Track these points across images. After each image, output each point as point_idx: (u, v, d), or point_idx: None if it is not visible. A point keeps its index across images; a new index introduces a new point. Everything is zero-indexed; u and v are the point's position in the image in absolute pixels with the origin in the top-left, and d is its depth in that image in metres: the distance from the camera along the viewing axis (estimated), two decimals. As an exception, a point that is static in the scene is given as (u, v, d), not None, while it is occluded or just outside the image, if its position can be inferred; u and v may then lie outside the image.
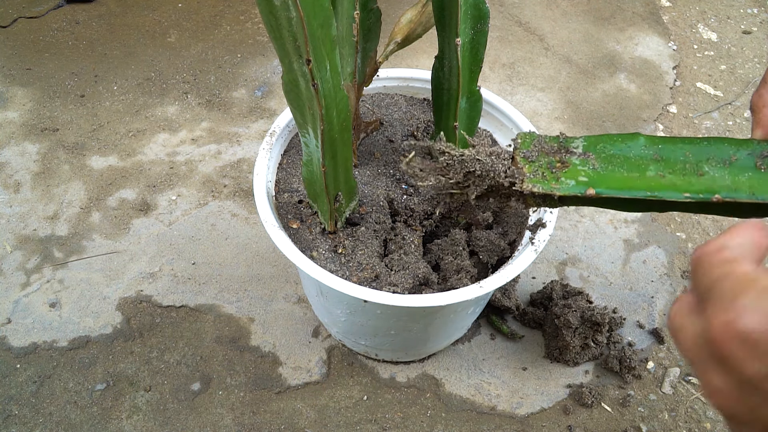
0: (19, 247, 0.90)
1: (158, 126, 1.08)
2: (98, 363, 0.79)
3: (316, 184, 0.59)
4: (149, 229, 0.93)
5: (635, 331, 0.85)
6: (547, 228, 0.61)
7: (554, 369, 0.81)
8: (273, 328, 0.83)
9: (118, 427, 0.74)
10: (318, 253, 0.62)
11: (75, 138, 1.05)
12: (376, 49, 0.62)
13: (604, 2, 1.42)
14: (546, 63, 1.25)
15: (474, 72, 0.60)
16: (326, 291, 0.64)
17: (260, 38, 1.26)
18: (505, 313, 0.85)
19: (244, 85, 1.16)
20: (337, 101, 0.51)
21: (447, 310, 0.64)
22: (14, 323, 0.82)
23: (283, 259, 0.89)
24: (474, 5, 0.55)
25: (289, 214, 0.65)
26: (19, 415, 0.74)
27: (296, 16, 0.43)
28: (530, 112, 1.14)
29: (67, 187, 0.98)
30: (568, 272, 0.91)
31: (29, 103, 1.11)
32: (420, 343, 0.74)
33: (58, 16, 1.28)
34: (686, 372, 0.81)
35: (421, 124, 0.75)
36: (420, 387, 0.78)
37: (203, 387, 0.77)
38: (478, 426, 0.75)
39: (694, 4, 1.44)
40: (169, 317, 0.83)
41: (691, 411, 0.78)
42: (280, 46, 0.47)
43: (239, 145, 1.05)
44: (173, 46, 1.24)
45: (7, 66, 1.17)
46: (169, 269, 0.88)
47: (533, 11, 1.38)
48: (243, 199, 0.97)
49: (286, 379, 0.78)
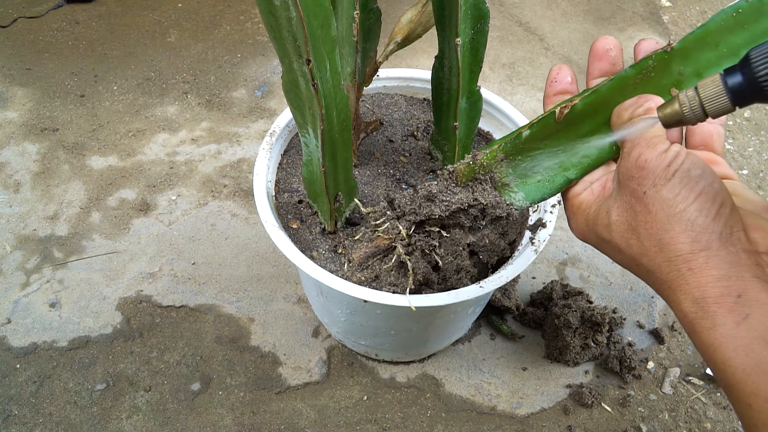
0: (19, 247, 0.90)
1: (158, 126, 1.08)
2: (98, 363, 0.79)
3: (316, 184, 0.59)
4: (149, 229, 0.93)
5: (635, 331, 0.85)
6: (547, 228, 0.61)
7: (554, 369, 0.81)
8: (273, 328, 0.83)
9: (118, 427, 0.74)
10: (318, 253, 0.62)
11: (75, 138, 1.05)
12: (376, 49, 0.62)
13: (604, 2, 1.42)
14: (546, 63, 1.25)
15: (474, 72, 0.60)
16: (326, 291, 0.64)
17: (260, 38, 1.26)
18: (505, 313, 0.85)
19: (244, 85, 1.16)
20: (337, 101, 0.51)
21: (447, 310, 0.64)
22: (14, 323, 0.82)
23: (283, 259, 0.89)
24: (474, 5, 0.55)
25: (289, 214, 0.65)
26: (19, 415, 0.74)
27: (296, 16, 0.43)
28: (530, 112, 1.14)
29: (67, 187, 0.98)
30: (568, 272, 0.91)
31: (29, 103, 1.11)
32: (420, 343, 0.74)
33: (58, 16, 1.28)
34: (686, 372, 0.81)
35: (421, 124, 0.75)
36: (420, 387, 0.78)
37: (203, 387, 0.77)
38: (478, 426, 0.75)
39: (694, 4, 1.44)
40: (169, 317, 0.83)
41: (691, 411, 0.78)
42: (280, 46, 0.47)
43: (239, 145, 1.05)
44: (173, 46, 1.23)
45: (7, 66, 1.17)
46: (169, 269, 0.88)
47: (533, 11, 1.38)
48: (243, 199, 0.97)
49: (286, 379, 0.78)
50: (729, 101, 0.31)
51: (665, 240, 0.35)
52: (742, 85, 0.31)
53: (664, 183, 0.35)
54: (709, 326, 0.32)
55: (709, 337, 0.32)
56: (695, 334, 0.34)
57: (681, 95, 0.34)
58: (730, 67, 0.32)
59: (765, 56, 0.29)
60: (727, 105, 0.32)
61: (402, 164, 0.71)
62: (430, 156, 0.72)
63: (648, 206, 0.35)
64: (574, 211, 0.43)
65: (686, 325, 0.34)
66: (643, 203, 0.36)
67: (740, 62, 0.31)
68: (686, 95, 0.33)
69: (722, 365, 0.32)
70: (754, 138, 1.15)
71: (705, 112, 0.33)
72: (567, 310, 0.78)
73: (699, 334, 0.33)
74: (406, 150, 0.73)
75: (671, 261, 0.35)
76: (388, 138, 0.73)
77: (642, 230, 0.36)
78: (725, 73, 0.32)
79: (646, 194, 0.35)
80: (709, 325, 0.32)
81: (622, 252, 0.38)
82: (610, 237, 0.38)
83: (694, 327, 0.33)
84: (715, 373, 0.33)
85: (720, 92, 0.32)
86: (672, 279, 0.35)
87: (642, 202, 0.36)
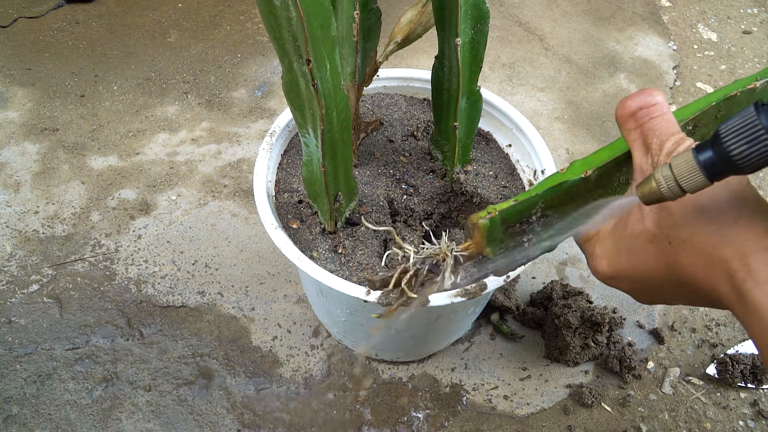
0: (19, 247, 0.90)
1: (158, 126, 1.08)
2: (98, 363, 0.79)
3: (316, 184, 0.59)
4: (149, 229, 0.93)
5: (635, 331, 0.85)
6: (547, 228, 0.61)
7: (554, 369, 0.81)
8: (273, 328, 0.83)
9: (118, 427, 0.74)
10: (318, 253, 0.62)
11: (75, 138, 1.05)
12: (376, 49, 0.62)
13: (604, 2, 1.42)
14: (546, 63, 1.25)
15: (474, 72, 0.60)
16: (326, 291, 0.64)
17: (260, 38, 1.26)
18: (505, 313, 0.85)
19: (244, 85, 1.16)
20: (337, 101, 0.51)
21: (447, 310, 0.64)
22: (14, 323, 0.82)
23: (283, 259, 0.89)
24: (474, 5, 0.55)
25: (289, 214, 0.65)
26: (19, 415, 0.74)
27: (296, 16, 0.43)
28: (530, 112, 1.14)
29: (67, 187, 0.98)
30: (568, 272, 0.91)
31: (29, 103, 1.11)
32: (420, 343, 0.74)
33: (58, 16, 1.28)
34: (686, 372, 0.81)
35: (421, 124, 0.75)
36: (420, 387, 0.78)
37: (203, 387, 0.77)
38: (478, 426, 0.75)
39: (694, 4, 1.44)
40: (169, 317, 0.83)
41: (691, 411, 0.78)
42: (280, 46, 0.47)
43: (239, 145, 1.05)
44: (173, 46, 1.24)
45: (7, 66, 1.17)
46: (169, 269, 0.88)
47: (533, 11, 1.38)
48: (243, 199, 0.97)
49: (287, 379, 0.78)
50: (704, 177, 0.31)
51: (700, 202, 0.34)
52: (714, 160, 0.31)
53: None
54: (763, 280, 0.31)
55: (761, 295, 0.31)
56: (743, 295, 0.32)
57: (656, 174, 0.34)
58: (702, 143, 0.31)
59: (735, 131, 0.29)
60: (702, 180, 0.31)
61: (402, 164, 0.71)
62: (430, 156, 0.72)
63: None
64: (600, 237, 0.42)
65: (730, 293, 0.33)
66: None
67: (711, 138, 0.31)
68: (661, 174, 0.33)
69: None
70: (754, 138, 1.15)
71: (682, 189, 0.33)
72: (567, 310, 0.78)
73: (748, 294, 0.31)
74: (406, 150, 0.73)
75: (711, 220, 0.34)
76: (388, 138, 0.73)
77: (673, 205, 0.36)
78: (697, 150, 0.31)
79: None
80: (764, 279, 0.31)
81: (656, 238, 0.37)
82: (643, 226, 0.38)
83: (742, 287, 0.32)
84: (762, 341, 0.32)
85: (693, 169, 0.31)
86: (714, 241, 0.34)
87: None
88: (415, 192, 0.69)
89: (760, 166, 0.29)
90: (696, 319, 0.87)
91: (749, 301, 0.31)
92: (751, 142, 0.29)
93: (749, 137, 0.29)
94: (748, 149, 0.29)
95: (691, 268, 0.35)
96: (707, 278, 0.34)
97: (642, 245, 0.38)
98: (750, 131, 0.28)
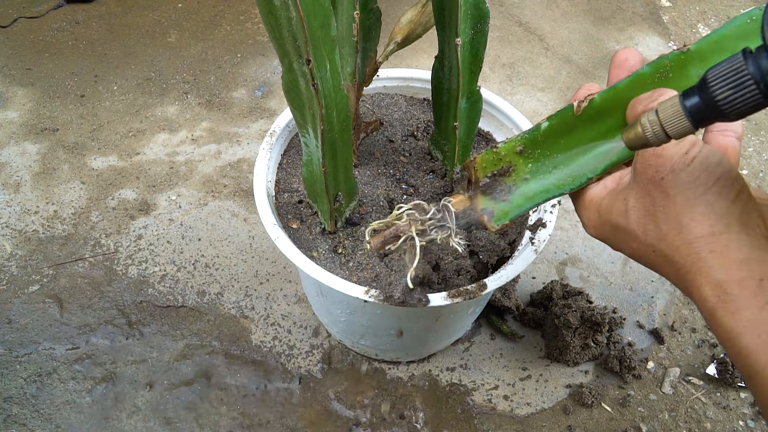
0: (19, 247, 0.90)
1: (158, 126, 1.08)
2: (98, 363, 0.79)
3: (316, 184, 0.59)
4: (149, 229, 0.93)
5: (635, 331, 0.85)
6: (547, 228, 0.61)
7: (554, 369, 0.81)
8: (273, 328, 0.83)
9: (118, 427, 0.74)
10: (318, 253, 0.62)
11: (75, 138, 1.05)
12: (376, 49, 0.62)
13: (604, 2, 1.42)
14: (546, 63, 1.25)
15: (474, 72, 0.60)
16: (326, 291, 0.64)
17: (260, 38, 1.26)
18: (505, 313, 0.85)
19: (244, 85, 1.16)
20: (337, 101, 0.51)
21: (447, 310, 0.64)
22: (14, 323, 0.82)
23: (283, 259, 0.89)
24: (474, 5, 0.55)
25: (289, 214, 0.65)
26: (19, 415, 0.74)
27: (296, 16, 0.43)
28: (530, 112, 1.14)
29: (67, 187, 0.98)
30: (568, 272, 0.91)
31: (29, 103, 1.11)
32: (420, 343, 0.74)
33: (58, 16, 1.28)
34: (686, 372, 0.81)
35: (421, 124, 0.75)
36: (420, 387, 0.78)
37: (203, 387, 0.77)
38: (478, 426, 0.75)
39: (694, 4, 1.44)
40: (169, 317, 0.83)
41: (691, 411, 0.78)
42: (280, 46, 0.47)
43: (239, 145, 1.05)
44: (173, 46, 1.24)
45: (7, 66, 1.17)
46: (169, 269, 0.88)
47: (533, 11, 1.38)
48: (243, 199, 0.97)
49: (286, 379, 0.78)
50: (689, 123, 0.31)
51: (684, 222, 0.35)
52: (699, 106, 0.31)
53: (683, 168, 0.35)
54: (732, 310, 0.32)
55: (731, 322, 0.32)
56: (715, 320, 0.33)
57: (643, 118, 0.34)
58: (689, 89, 0.32)
59: (721, 77, 0.29)
60: (687, 126, 0.32)
61: (402, 164, 0.71)
62: (430, 156, 0.72)
63: (666, 191, 0.35)
64: (586, 205, 0.43)
65: (706, 311, 0.34)
66: (661, 188, 0.36)
67: (698, 83, 0.31)
68: (648, 119, 0.33)
69: (745, 351, 0.31)
70: (754, 138, 1.15)
71: (667, 134, 0.33)
72: (567, 310, 0.78)
73: (720, 320, 0.32)
74: (406, 150, 0.73)
75: (691, 243, 0.34)
76: (388, 138, 0.73)
77: (660, 215, 0.36)
78: (684, 96, 0.32)
79: (664, 180, 0.35)
80: (732, 309, 0.32)
81: (638, 239, 0.38)
82: (626, 224, 0.38)
83: (714, 312, 0.33)
84: (737, 361, 0.32)
85: (679, 114, 0.32)
86: (691, 262, 0.34)
87: (660, 187, 0.36)
88: (415, 192, 0.69)
89: (744, 113, 0.29)
90: (696, 319, 0.87)
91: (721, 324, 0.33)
92: (736, 88, 0.29)
93: (735, 83, 0.29)
94: (733, 94, 0.29)
95: (670, 276, 0.37)
96: (684, 288, 0.36)
97: (623, 237, 0.40)
98: (736, 77, 0.29)
